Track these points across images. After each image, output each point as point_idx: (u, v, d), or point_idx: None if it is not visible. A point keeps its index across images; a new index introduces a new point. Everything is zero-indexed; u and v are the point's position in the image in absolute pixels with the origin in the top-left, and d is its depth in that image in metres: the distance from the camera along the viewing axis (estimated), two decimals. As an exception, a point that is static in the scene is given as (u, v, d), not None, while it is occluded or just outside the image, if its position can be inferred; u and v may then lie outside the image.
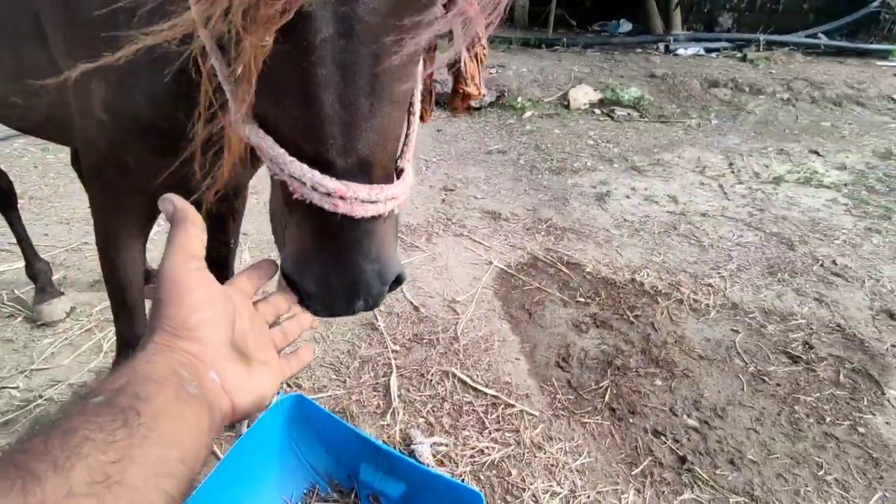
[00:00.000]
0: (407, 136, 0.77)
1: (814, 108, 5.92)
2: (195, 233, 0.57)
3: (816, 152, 4.68)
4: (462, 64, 1.07)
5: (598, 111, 5.73)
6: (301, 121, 0.61)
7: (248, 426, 1.61)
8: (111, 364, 2.04)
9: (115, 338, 2.16)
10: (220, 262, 1.59)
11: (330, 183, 0.61)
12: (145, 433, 0.41)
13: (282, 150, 0.63)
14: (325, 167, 0.62)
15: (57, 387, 1.93)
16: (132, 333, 1.43)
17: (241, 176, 1.35)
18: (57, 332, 2.18)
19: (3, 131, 2.09)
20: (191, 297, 0.52)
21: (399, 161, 0.74)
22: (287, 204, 0.69)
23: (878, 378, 2.20)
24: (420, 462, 1.66)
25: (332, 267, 0.68)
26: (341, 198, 0.62)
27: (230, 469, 1.35)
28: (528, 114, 5.54)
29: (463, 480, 1.68)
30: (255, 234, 3.03)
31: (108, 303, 2.38)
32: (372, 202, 0.64)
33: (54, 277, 2.31)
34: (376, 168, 0.65)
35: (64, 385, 1.94)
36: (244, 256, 2.80)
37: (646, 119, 5.54)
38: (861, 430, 1.97)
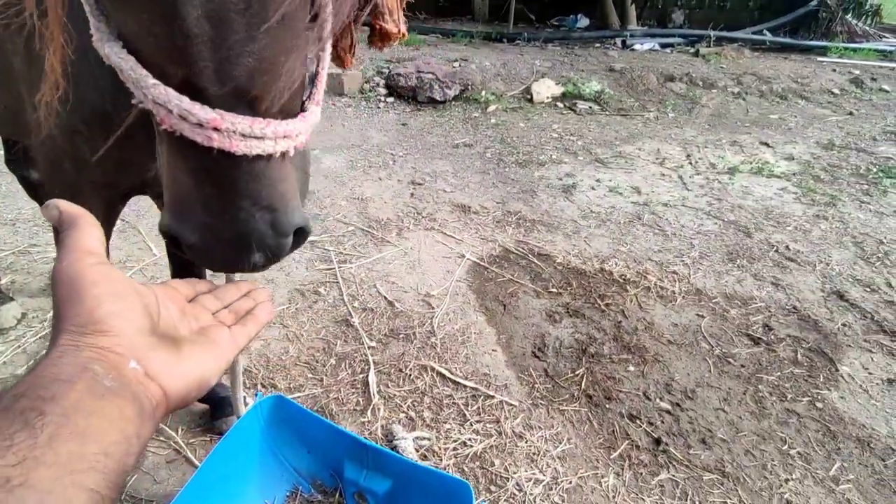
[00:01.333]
0: (316, 73, 0.69)
1: (762, 101, 6.21)
2: (89, 230, 0.52)
3: (766, 144, 4.91)
4: None
5: (560, 105, 5.82)
6: (163, 37, 0.53)
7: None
8: None
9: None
10: (189, 262, 1.53)
11: (200, 111, 0.54)
12: (53, 432, 0.38)
13: (144, 72, 0.55)
14: (196, 94, 0.55)
15: (11, 398, 1.81)
16: None
17: None
18: (8, 340, 2.04)
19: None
20: (94, 291, 0.48)
21: (306, 102, 0.67)
22: (161, 143, 0.61)
23: (832, 356, 2.33)
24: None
25: (216, 214, 0.61)
26: (216, 129, 0.55)
27: (208, 475, 1.30)
28: (492, 107, 5.56)
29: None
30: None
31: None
32: (257, 138, 0.57)
33: (2, 282, 2.16)
34: (263, 100, 0.58)
35: (19, 396, 1.82)
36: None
37: (607, 112, 5.67)
38: (819, 405, 2.09)
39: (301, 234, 0.70)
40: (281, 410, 1.49)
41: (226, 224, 0.61)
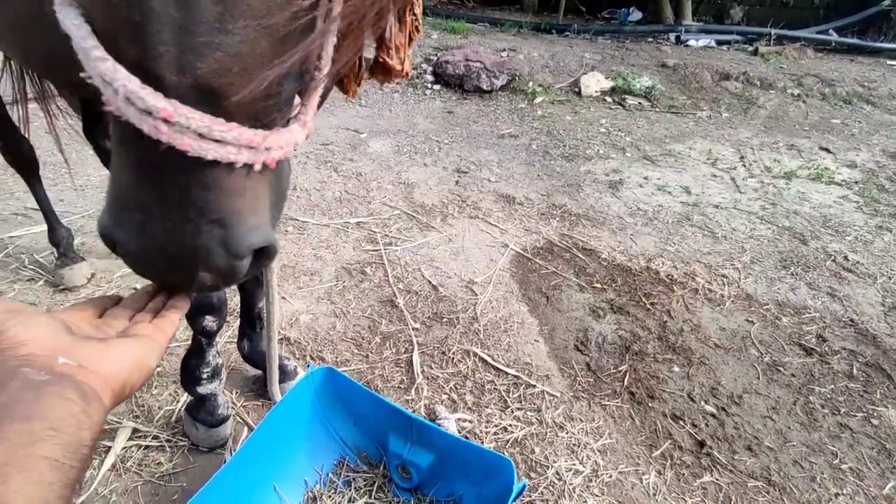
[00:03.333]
0: (307, 91, 0.62)
1: (824, 104, 5.92)
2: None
3: (827, 149, 4.69)
4: (387, 30, 0.91)
5: (609, 99, 5.70)
6: (118, 8, 0.47)
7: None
8: None
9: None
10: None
11: (150, 96, 0.48)
12: None
13: (94, 43, 0.49)
14: (153, 80, 0.48)
15: (80, 352, 1.92)
16: None
17: None
18: (79, 298, 2.16)
19: (12, 95, 2.05)
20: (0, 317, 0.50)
21: (292, 120, 0.61)
22: (107, 131, 0.55)
23: (891, 372, 2.24)
24: (446, 437, 1.67)
25: (158, 220, 0.54)
26: (166, 121, 0.48)
27: (262, 439, 1.35)
28: (539, 99, 5.50)
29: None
30: (271, 209, 3.01)
31: (127, 269, 2.37)
32: (215, 140, 0.50)
33: (74, 243, 2.29)
34: (230, 101, 0.51)
35: (87, 351, 1.93)
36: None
37: (657, 109, 5.52)
38: (874, 421, 2.01)
39: (264, 255, 0.63)
40: (331, 382, 1.53)
41: (168, 234, 0.54)
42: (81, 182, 3.01)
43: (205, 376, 1.56)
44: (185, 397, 1.76)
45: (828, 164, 4.36)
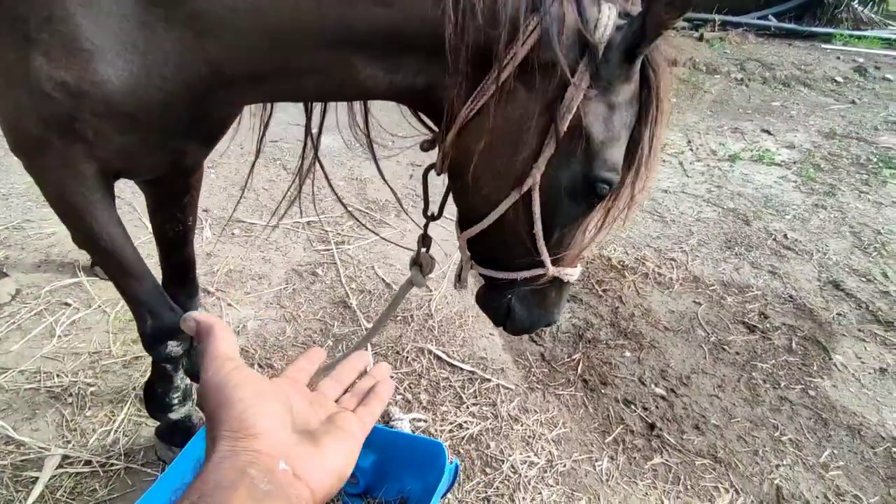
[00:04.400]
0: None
1: (765, 88, 6.15)
2: (224, 335, 0.57)
3: (768, 131, 4.88)
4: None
5: (561, 87, 5.75)
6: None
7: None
8: (133, 336, 1.93)
9: (68, 321, 2.03)
10: (178, 241, 1.51)
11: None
12: None
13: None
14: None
15: (7, 374, 1.80)
16: (149, 293, 1.26)
17: (198, 151, 1.27)
18: (2, 316, 2.03)
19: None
20: (240, 394, 0.52)
21: None
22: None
23: (826, 345, 2.35)
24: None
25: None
26: None
27: (191, 460, 1.28)
28: (492, 89, 5.49)
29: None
30: (216, 211, 2.90)
31: (57, 283, 2.23)
32: None
33: (-4, 258, 2.14)
34: None
35: (14, 372, 1.82)
36: (205, 233, 2.68)
37: (608, 96, 5.60)
38: (811, 392, 2.11)
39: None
40: None
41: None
42: (4, 190, 2.82)
43: (175, 402, 1.49)
44: (122, 416, 1.68)
45: (769, 145, 4.53)
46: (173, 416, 1.49)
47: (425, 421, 1.82)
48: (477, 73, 0.91)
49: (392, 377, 1.96)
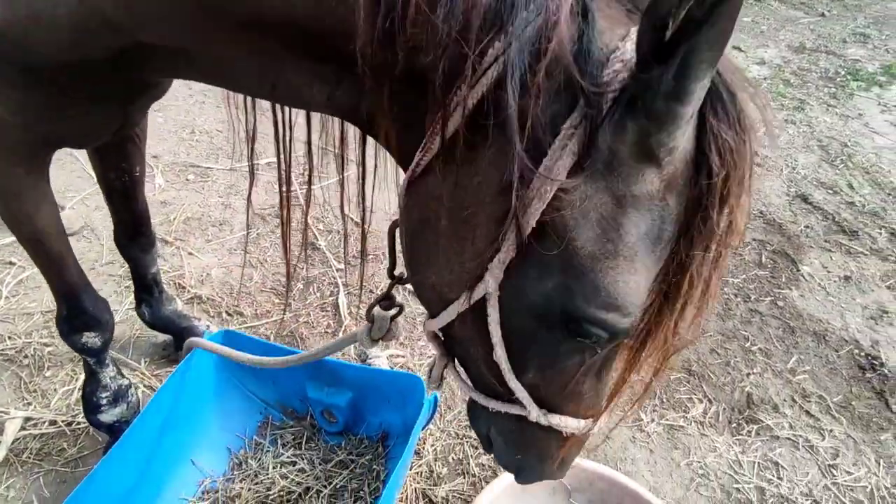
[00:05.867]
0: None
1: (735, 3, 5.97)
2: None
3: (738, 48, 4.76)
4: None
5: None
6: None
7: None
8: (35, 314, 1.82)
9: (15, 280, 1.91)
10: (126, 193, 1.37)
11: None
12: None
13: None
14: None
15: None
16: (69, 283, 1.18)
17: (144, 99, 1.12)
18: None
19: None
20: None
21: None
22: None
23: (794, 257, 2.39)
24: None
25: None
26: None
27: (158, 416, 1.22)
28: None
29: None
30: (168, 157, 2.71)
31: (-2, 243, 2.07)
32: None
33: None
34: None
35: (-40, 338, 1.70)
36: (157, 181, 2.51)
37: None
38: (780, 303, 2.16)
39: None
40: (233, 344, 1.39)
41: None
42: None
43: (104, 402, 1.35)
44: (83, 376, 1.60)
45: (739, 62, 4.44)
46: (103, 418, 1.36)
47: (403, 356, 1.80)
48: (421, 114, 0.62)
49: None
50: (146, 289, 1.56)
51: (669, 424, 1.69)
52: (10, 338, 1.70)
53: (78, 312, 1.21)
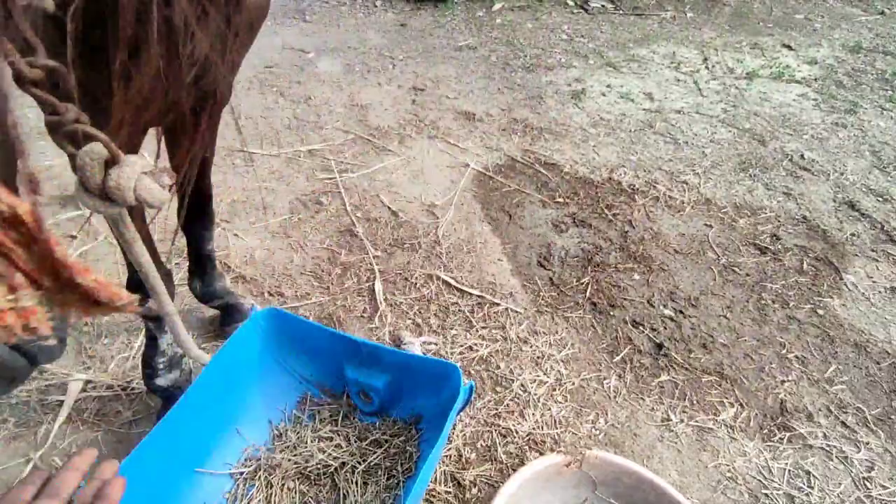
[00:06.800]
0: None
1: (788, -1, 5.75)
2: None
3: (789, 46, 4.60)
4: None
5: (571, 3, 5.39)
6: None
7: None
8: None
9: (77, 253, 2.02)
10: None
11: None
12: None
13: None
14: None
15: None
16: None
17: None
18: None
19: None
20: None
21: None
22: None
23: (838, 265, 2.33)
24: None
25: None
26: None
27: (209, 384, 1.30)
28: (497, 6, 5.15)
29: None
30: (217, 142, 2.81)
31: (61, 216, 2.21)
32: None
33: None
34: None
35: (27, 304, 1.83)
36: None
37: (620, 12, 5.26)
38: (820, 311, 2.11)
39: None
40: (278, 321, 1.45)
41: None
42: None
43: (161, 367, 1.46)
44: (138, 344, 1.71)
45: (789, 61, 4.29)
46: (159, 382, 1.47)
47: (436, 344, 1.84)
48: None
49: (401, 303, 1.96)
50: (200, 264, 1.64)
51: (699, 426, 1.69)
52: (71, 306, 1.82)
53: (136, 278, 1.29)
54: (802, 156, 3.07)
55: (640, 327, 2.00)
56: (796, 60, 4.32)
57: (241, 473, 1.35)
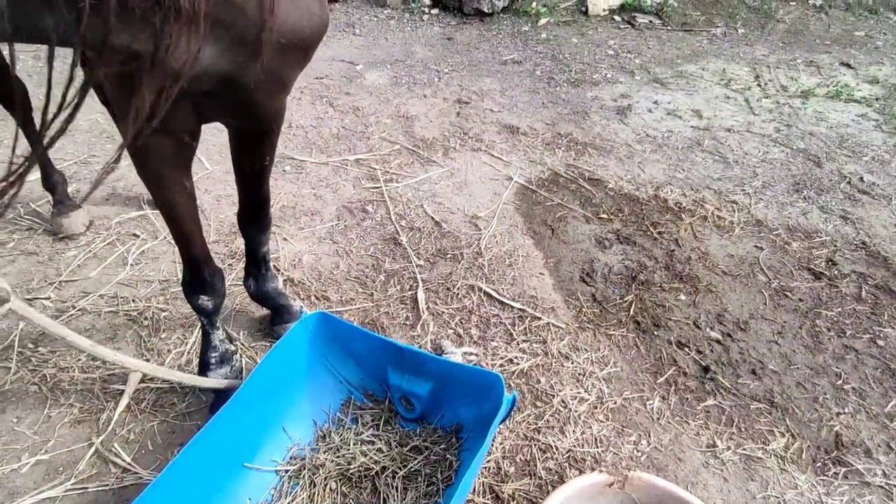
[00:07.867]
0: None
1: (847, 15, 5.55)
2: None
3: (848, 64, 4.44)
4: None
5: (618, 18, 5.36)
6: None
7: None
8: (151, 276, 2.03)
9: (138, 251, 2.14)
10: (254, 178, 1.52)
11: None
12: None
13: None
14: None
15: (88, 297, 1.94)
16: (197, 257, 1.41)
17: (275, 98, 1.25)
18: (80, 245, 2.15)
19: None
20: None
21: None
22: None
23: (900, 293, 2.22)
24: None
25: None
26: None
27: (259, 383, 1.34)
28: (543, 21, 5.18)
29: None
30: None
31: (125, 215, 2.34)
32: None
33: (69, 189, 2.24)
34: None
35: (95, 296, 1.94)
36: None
37: (669, 27, 5.20)
38: (880, 342, 2.01)
39: None
40: (326, 326, 1.50)
41: None
42: (71, 126, 2.91)
43: (213, 361, 1.55)
44: (193, 340, 1.78)
45: (848, 80, 4.14)
46: (210, 376, 1.54)
47: (476, 355, 1.85)
48: None
49: (443, 313, 1.99)
50: (255, 264, 1.71)
51: (746, 454, 1.63)
52: (133, 301, 1.93)
53: (198, 279, 1.43)
54: (862, 178, 2.95)
55: (686, 349, 1.95)
56: (855, 79, 4.16)
57: (287, 471, 1.39)
